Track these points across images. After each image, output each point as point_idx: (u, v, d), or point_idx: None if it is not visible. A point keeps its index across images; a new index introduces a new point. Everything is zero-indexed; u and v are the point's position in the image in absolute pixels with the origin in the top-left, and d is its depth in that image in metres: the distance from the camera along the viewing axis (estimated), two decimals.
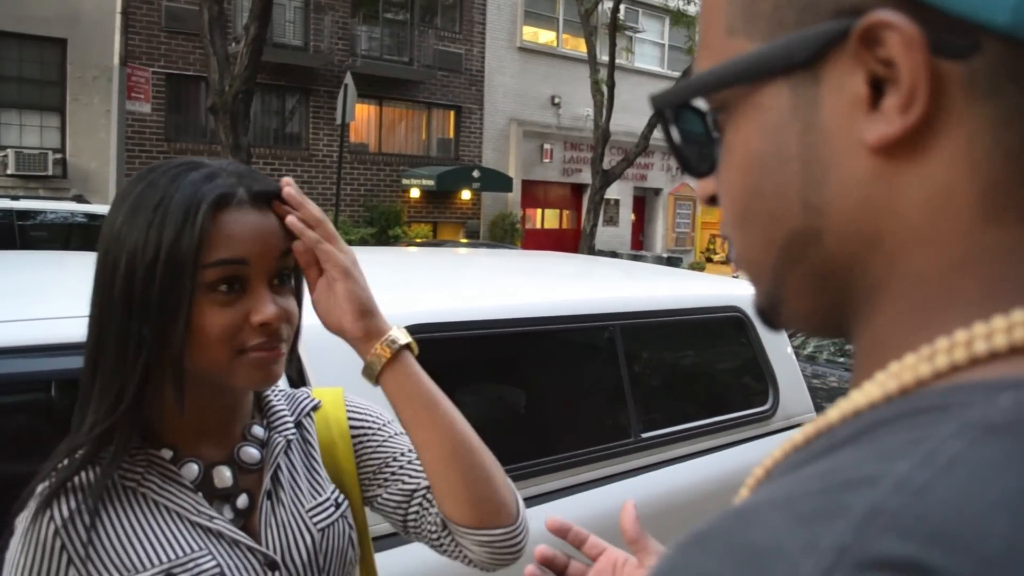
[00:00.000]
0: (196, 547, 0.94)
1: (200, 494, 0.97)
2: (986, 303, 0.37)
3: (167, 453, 0.97)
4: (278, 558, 0.99)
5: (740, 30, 0.43)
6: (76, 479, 0.92)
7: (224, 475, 1.00)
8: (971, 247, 0.38)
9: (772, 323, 0.48)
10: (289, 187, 0.97)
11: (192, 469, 0.98)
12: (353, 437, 1.13)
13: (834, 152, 0.40)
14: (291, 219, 0.95)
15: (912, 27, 0.37)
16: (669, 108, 0.48)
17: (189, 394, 0.94)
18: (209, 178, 0.92)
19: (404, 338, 0.99)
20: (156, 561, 0.92)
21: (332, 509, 1.06)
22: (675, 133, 0.49)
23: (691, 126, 0.49)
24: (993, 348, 0.36)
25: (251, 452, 1.03)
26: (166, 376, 0.92)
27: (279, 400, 1.11)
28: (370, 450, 1.12)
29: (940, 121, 0.38)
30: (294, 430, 1.09)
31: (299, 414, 1.11)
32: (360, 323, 0.97)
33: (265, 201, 0.95)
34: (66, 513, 0.90)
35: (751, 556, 0.31)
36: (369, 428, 1.14)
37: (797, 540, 0.31)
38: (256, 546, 0.98)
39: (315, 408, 1.14)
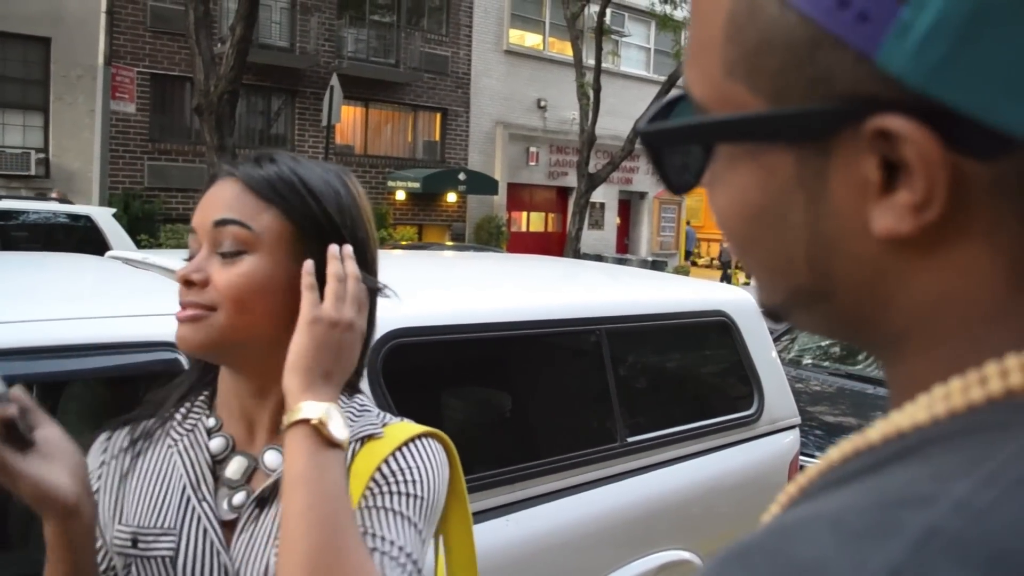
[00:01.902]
0: (169, 522, 0.95)
1: (211, 473, 0.98)
2: None
3: (211, 421, 1.01)
4: (233, 568, 0.93)
5: (741, 77, 0.40)
6: (146, 423, 1.03)
7: (238, 467, 0.98)
8: (1000, 310, 0.37)
9: (780, 322, 0.47)
10: (346, 250, 0.95)
11: (220, 443, 0.99)
12: (368, 485, 0.94)
13: (842, 230, 0.38)
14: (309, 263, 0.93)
15: (927, 139, 0.34)
16: (660, 144, 0.45)
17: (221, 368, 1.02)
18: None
19: (300, 415, 0.84)
20: (135, 520, 0.97)
21: None
22: (661, 159, 0.46)
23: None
24: None
25: (273, 456, 0.97)
26: None
27: (346, 413, 0.96)
28: (360, 507, 0.92)
29: (960, 215, 0.35)
30: None
31: (352, 436, 0.97)
32: (285, 377, 0.87)
33: (244, 176, 0.95)
34: (123, 444, 1.02)
35: (794, 573, 0.30)
36: (382, 483, 0.94)
37: (844, 559, 0.29)
38: (221, 548, 0.94)
39: (371, 437, 0.98)
